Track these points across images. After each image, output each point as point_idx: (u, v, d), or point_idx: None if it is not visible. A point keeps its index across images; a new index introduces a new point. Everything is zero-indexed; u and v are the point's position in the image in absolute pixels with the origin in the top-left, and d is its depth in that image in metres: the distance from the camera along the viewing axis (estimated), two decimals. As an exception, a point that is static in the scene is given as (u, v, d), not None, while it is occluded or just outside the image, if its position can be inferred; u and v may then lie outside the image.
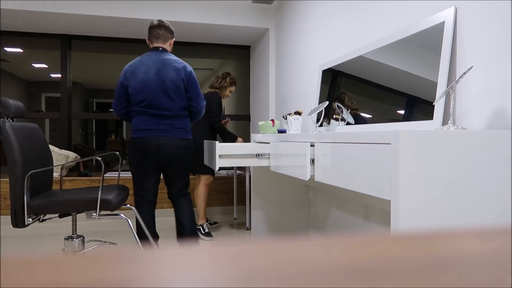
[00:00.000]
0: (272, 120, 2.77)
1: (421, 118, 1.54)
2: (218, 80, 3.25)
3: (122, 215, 2.02)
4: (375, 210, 1.97)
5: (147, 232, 2.27)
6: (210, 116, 3.06)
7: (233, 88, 3.30)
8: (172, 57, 2.29)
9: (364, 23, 2.13)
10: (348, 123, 2.09)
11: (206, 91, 3.17)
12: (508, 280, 0.19)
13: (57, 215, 2.05)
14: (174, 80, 2.19)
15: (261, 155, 2.16)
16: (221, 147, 2.11)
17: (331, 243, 0.24)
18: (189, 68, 2.30)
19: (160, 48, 2.29)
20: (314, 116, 2.37)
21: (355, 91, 2.10)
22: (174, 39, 2.39)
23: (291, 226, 2.77)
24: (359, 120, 1.99)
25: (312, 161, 1.61)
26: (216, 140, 3.17)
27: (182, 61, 2.31)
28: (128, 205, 2.28)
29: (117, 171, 3.94)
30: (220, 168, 3.93)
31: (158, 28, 2.30)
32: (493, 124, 1.28)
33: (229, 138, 3.19)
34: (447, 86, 1.43)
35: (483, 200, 1.05)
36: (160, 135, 2.17)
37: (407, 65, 1.68)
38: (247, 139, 4.77)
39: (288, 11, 3.36)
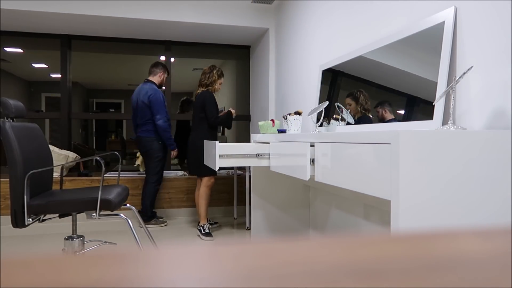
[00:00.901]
0: (272, 120, 2.77)
1: (421, 118, 1.54)
2: (205, 76, 3.13)
3: (122, 215, 2.02)
4: (375, 210, 1.97)
5: (147, 231, 2.27)
6: (207, 116, 3.02)
7: (222, 81, 3.19)
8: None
9: (364, 23, 2.13)
10: (348, 123, 2.09)
11: (198, 91, 3.11)
12: (508, 280, 0.19)
13: (57, 215, 2.05)
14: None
15: (261, 155, 2.16)
16: (221, 147, 2.11)
17: (331, 243, 0.24)
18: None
19: None
20: (314, 116, 2.37)
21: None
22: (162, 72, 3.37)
23: (291, 226, 2.77)
24: (366, 120, 1.96)
25: (312, 161, 1.61)
26: (216, 139, 3.13)
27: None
28: (128, 205, 2.28)
29: (117, 171, 3.94)
30: (220, 168, 3.92)
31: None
32: (493, 124, 1.28)
33: (227, 120, 3.13)
34: (447, 86, 1.43)
35: (483, 200, 1.05)
36: None
37: (407, 65, 1.68)
38: (247, 139, 4.77)
39: (288, 11, 3.36)
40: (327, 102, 2.06)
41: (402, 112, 1.68)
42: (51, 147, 3.31)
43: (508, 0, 1.23)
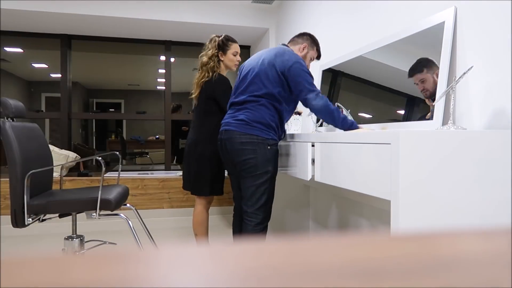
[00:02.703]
0: (272, 120, 2.76)
1: (421, 118, 1.54)
2: (208, 59, 2.28)
3: (122, 215, 2.02)
4: (375, 210, 1.97)
5: (147, 231, 2.27)
6: (220, 105, 2.24)
7: (234, 50, 2.31)
8: (287, 48, 1.91)
9: (364, 23, 2.13)
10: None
11: (206, 78, 2.27)
12: (508, 280, 0.19)
13: (57, 215, 2.05)
14: (266, 64, 1.83)
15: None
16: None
17: (331, 243, 0.24)
18: (294, 57, 1.82)
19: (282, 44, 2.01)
20: (314, 116, 2.37)
21: (355, 91, 2.10)
22: (307, 45, 1.98)
23: (291, 225, 2.77)
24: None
25: (312, 161, 1.61)
26: None
27: (293, 51, 1.87)
28: (128, 205, 2.28)
29: (117, 171, 3.94)
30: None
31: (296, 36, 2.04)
32: (493, 124, 1.28)
33: None
34: (447, 86, 1.43)
35: (483, 200, 1.05)
36: (224, 128, 1.92)
37: (407, 65, 1.68)
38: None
39: (288, 11, 3.36)
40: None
41: (402, 112, 1.68)
42: (51, 147, 3.31)
43: (508, 0, 1.23)
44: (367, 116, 1.95)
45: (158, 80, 8.75)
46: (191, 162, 2.27)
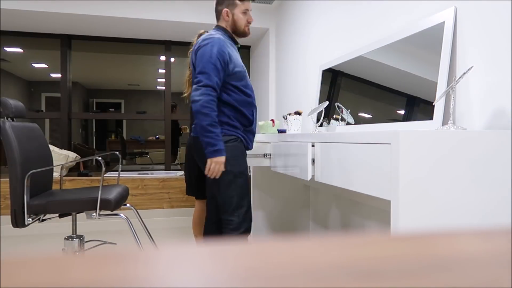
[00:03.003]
0: (272, 120, 2.76)
1: (421, 118, 1.54)
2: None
3: (122, 215, 2.02)
4: (375, 210, 1.97)
5: (147, 231, 2.27)
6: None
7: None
8: (205, 35, 1.73)
9: (364, 23, 2.13)
10: (348, 123, 2.09)
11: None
12: (508, 280, 0.19)
13: (57, 215, 2.05)
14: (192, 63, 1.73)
15: (262, 155, 2.16)
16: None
17: (331, 243, 0.24)
18: (204, 41, 1.68)
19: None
20: (314, 116, 2.37)
21: (355, 91, 2.10)
22: (227, 10, 1.81)
23: (291, 226, 2.77)
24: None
25: (312, 161, 1.61)
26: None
27: (209, 36, 1.70)
28: (128, 205, 2.28)
29: (117, 171, 3.94)
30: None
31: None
32: (493, 124, 1.28)
33: None
34: (447, 86, 1.43)
35: (483, 200, 1.05)
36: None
37: (407, 65, 1.68)
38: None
39: (288, 11, 3.36)
40: (327, 102, 2.06)
41: (402, 112, 1.68)
42: (51, 147, 3.31)
43: (508, 0, 1.23)
44: (367, 116, 1.95)
45: (158, 80, 8.75)
46: (190, 166, 2.24)
